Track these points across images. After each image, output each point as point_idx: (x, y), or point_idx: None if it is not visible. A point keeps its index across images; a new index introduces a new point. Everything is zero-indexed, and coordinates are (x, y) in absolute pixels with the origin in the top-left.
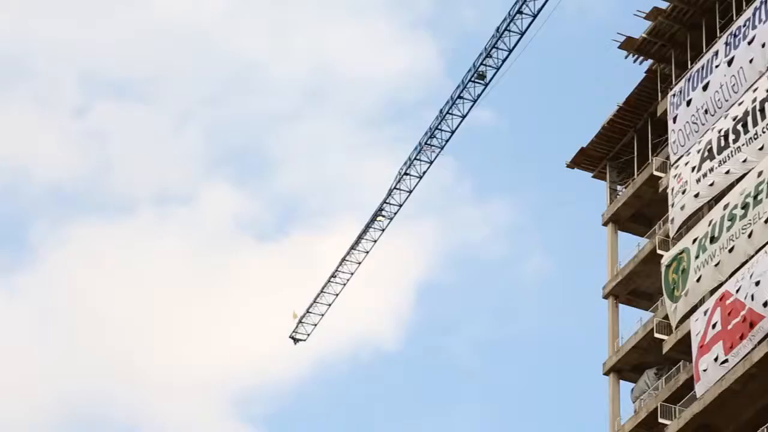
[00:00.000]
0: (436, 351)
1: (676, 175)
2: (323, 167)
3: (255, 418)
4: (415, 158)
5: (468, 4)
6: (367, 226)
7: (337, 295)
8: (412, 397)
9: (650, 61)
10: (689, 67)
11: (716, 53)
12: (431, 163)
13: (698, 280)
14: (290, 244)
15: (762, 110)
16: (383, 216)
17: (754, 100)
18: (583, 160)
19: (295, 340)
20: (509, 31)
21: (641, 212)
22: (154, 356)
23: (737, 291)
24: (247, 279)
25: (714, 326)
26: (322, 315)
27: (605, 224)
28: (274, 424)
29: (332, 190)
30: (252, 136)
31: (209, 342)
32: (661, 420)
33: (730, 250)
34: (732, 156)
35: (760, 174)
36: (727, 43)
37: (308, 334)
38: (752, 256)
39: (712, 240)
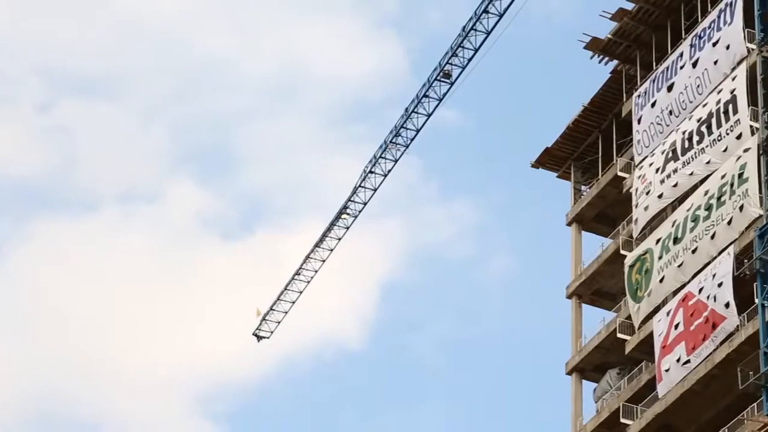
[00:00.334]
0: (400, 350)
1: (640, 176)
2: (289, 165)
3: (218, 416)
4: (380, 156)
5: (434, 4)
6: (332, 224)
7: (301, 292)
8: (377, 396)
9: (615, 62)
10: (654, 68)
11: (681, 54)
12: (396, 161)
13: (661, 281)
14: (255, 242)
15: (726, 112)
16: (348, 214)
17: (719, 102)
18: (548, 160)
19: (259, 338)
20: (475, 30)
21: (605, 212)
22: (118, 354)
23: (700, 292)
24: (211, 277)
25: (676, 327)
26: (286, 312)
27: (569, 224)
28: (237, 423)
29: (298, 189)
30: (218, 133)
31: (173, 340)
32: (623, 420)
33: (694, 251)
34: (696, 157)
35: (723, 176)
36: (692, 45)
37: (272, 332)
38: (715, 258)
39: (676, 241)
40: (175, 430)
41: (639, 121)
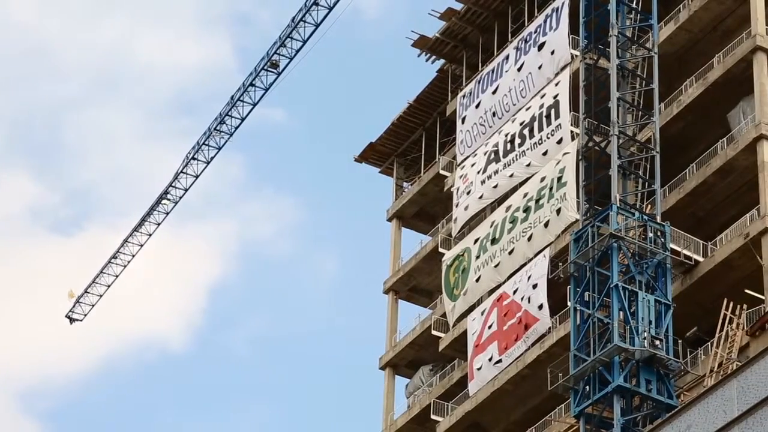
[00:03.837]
0: (223, 351)
1: (461, 176)
2: (119, 160)
3: (40, 413)
4: (203, 143)
5: (267, 6)
6: (152, 209)
7: (117, 276)
8: (197, 398)
9: (443, 61)
10: (480, 69)
11: (507, 57)
12: (219, 149)
13: (477, 280)
14: (84, 236)
15: (548, 116)
16: (168, 200)
17: (541, 106)
18: (371, 155)
19: (71, 320)
20: (304, 21)
21: (426, 210)
22: None
23: (514, 293)
24: (37, 271)
25: (490, 326)
26: (101, 296)
27: (390, 220)
28: (58, 420)
29: (127, 184)
30: (49, 124)
31: None
32: (433, 416)
33: (510, 252)
34: (517, 160)
35: (543, 179)
36: (517, 48)
37: (85, 315)
38: (531, 259)
39: (493, 241)
40: None
41: (463, 121)
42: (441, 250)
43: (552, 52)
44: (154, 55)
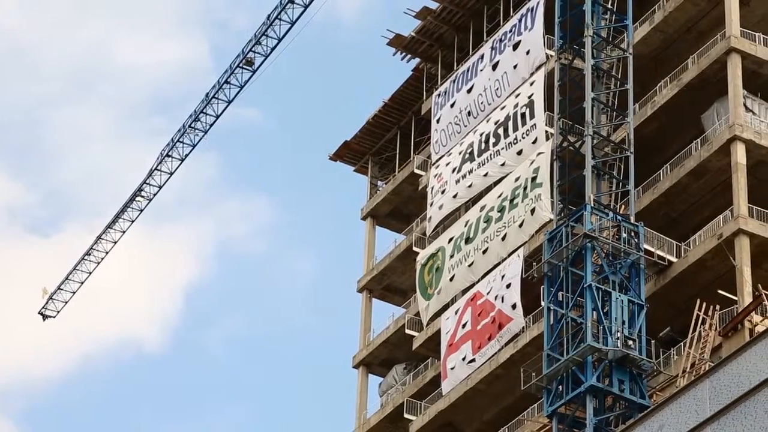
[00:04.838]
0: (199, 352)
1: (436, 175)
2: (97, 159)
3: (16, 414)
4: (178, 140)
5: (246, 6)
6: (126, 206)
7: (90, 273)
8: (174, 399)
9: (418, 60)
10: (455, 68)
11: (482, 57)
12: (194, 146)
13: (451, 279)
14: (60, 237)
15: (523, 116)
16: (142, 197)
17: (516, 106)
18: (346, 153)
19: (44, 317)
20: (280, 19)
21: (400, 209)
22: None
23: (488, 292)
24: (13, 271)
25: (464, 326)
26: (74, 293)
27: (364, 219)
28: (34, 420)
29: (104, 184)
30: (27, 124)
31: None
32: (406, 415)
33: (484, 252)
34: (491, 159)
35: (517, 179)
36: (493, 48)
37: (58, 311)
38: (505, 259)
39: (468, 240)
40: None
41: (438, 121)
42: (415, 249)
43: (527, 52)
44: (132, 56)
